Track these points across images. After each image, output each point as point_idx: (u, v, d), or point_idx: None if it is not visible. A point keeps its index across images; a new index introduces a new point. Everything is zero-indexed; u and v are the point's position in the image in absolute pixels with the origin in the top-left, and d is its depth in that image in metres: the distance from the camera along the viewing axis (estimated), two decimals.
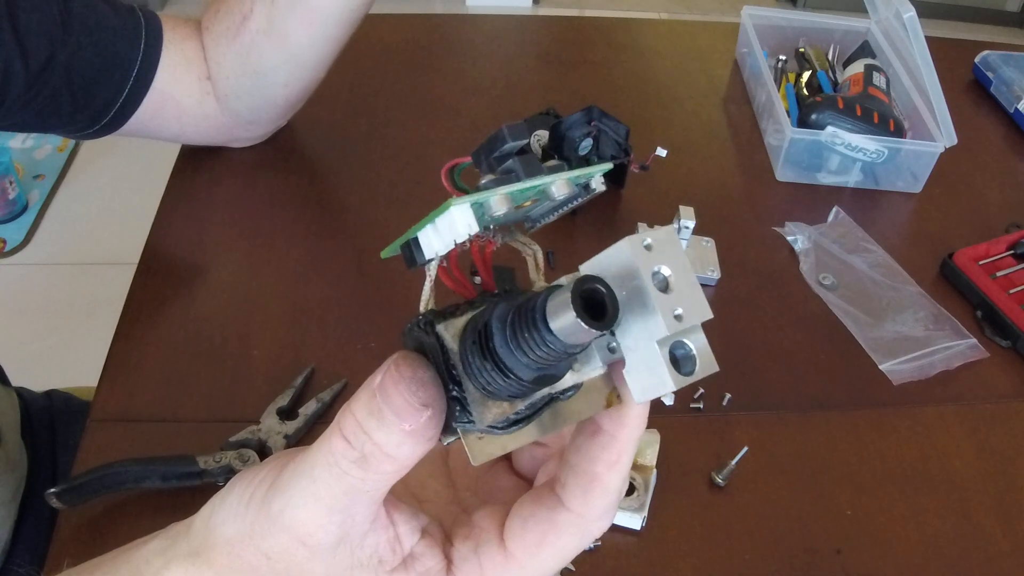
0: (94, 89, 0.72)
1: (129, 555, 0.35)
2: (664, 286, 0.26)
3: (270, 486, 0.31)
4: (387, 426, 0.28)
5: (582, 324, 0.24)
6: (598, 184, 0.31)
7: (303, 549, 0.30)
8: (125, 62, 0.73)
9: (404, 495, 0.35)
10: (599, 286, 0.26)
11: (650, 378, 0.27)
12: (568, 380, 0.29)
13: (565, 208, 0.32)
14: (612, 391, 0.31)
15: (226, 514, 0.32)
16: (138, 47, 0.73)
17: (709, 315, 0.27)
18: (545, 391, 0.29)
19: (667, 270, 0.26)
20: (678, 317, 0.26)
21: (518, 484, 0.36)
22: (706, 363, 0.28)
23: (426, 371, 0.28)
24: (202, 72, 0.78)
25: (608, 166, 0.32)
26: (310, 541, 0.30)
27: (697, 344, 0.28)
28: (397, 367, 0.28)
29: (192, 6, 2.83)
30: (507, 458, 0.37)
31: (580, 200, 0.31)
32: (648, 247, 0.26)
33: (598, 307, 0.26)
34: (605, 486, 0.31)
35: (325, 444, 0.29)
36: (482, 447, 0.29)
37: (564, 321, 0.25)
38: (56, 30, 0.68)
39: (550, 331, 0.25)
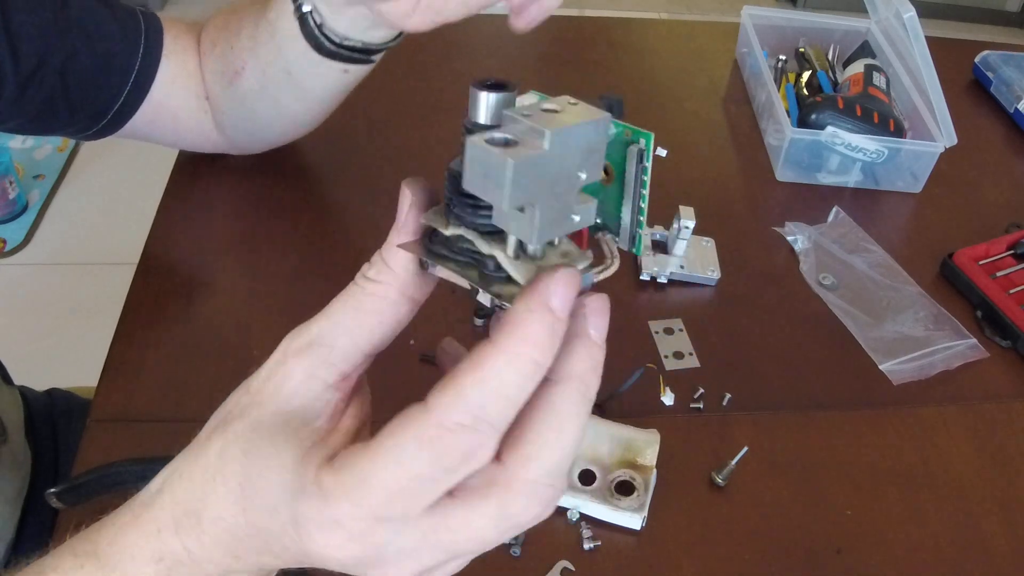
0: (90, 93, 0.71)
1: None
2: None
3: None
4: (390, 236, 0.33)
5: (483, 94, 0.31)
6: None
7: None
8: (123, 66, 0.71)
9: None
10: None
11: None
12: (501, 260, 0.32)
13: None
14: None
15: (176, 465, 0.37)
16: (137, 52, 0.72)
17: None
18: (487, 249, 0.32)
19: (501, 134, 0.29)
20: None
21: None
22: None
23: (420, 184, 0.33)
24: (200, 90, 0.76)
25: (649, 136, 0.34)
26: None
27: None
28: (405, 182, 0.33)
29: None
30: None
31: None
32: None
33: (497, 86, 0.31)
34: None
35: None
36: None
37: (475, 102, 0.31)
38: (51, 32, 0.67)
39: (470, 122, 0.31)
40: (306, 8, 0.65)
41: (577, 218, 0.31)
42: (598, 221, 0.37)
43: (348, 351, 0.34)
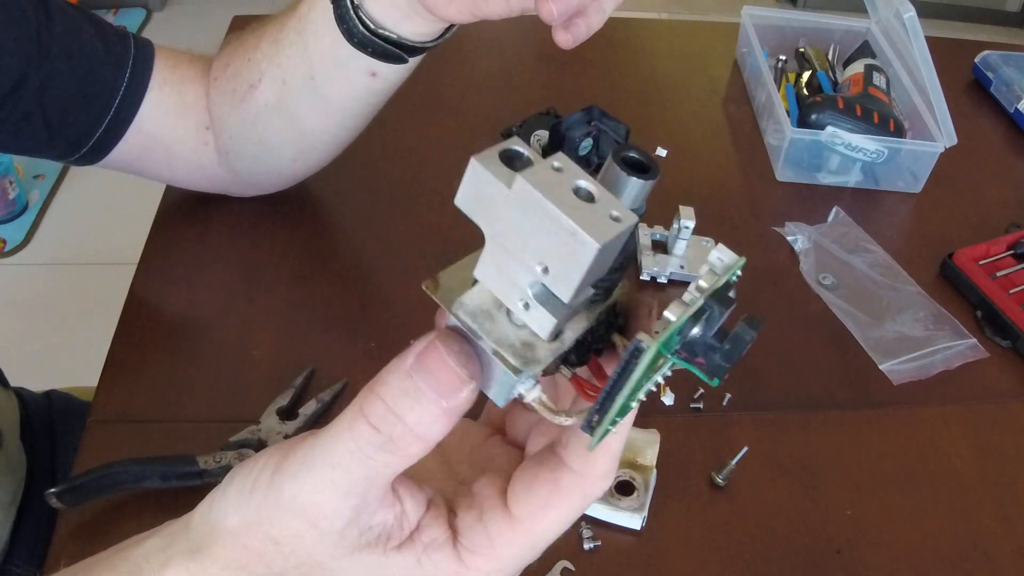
0: (71, 116, 0.67)
1: (126, 553, 0.35)
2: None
3: (274, 472, 0.31)
4: (423, 405, 0.28)
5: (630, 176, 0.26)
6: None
7: (313, 532, 0.30)
8: (106, 91, 0.67)
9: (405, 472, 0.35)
10: (634, 153, 0.27)
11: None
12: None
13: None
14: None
15: (228, 506, 0.32)
16: (122, 76, 0.68)
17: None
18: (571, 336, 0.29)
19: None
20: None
21: (511, 452, 0.36)
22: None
23: (467, 345, 0.29)
24: (201, 120, 0.72)
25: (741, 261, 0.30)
26: (323, 524, 0.30)
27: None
28: (444, 341, 0.28)
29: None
30: (500, 428, 0.37)
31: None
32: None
33: (638, 166, 0.27)
34: (607, 445, 0.31)
35: (346, 431, 0.29)
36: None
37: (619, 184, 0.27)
38: (32, 50, 0.63)
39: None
40: None
41: (528, 312, 0.27)
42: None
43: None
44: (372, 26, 0.62)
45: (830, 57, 1.04)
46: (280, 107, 0.68)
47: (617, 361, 0.28)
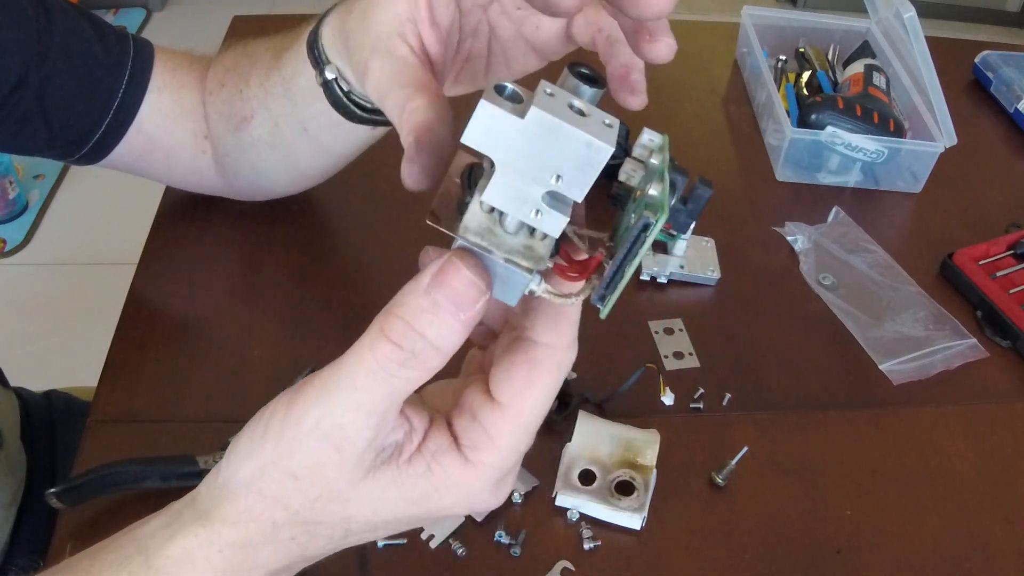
0: (70, 117, 0.67)
1: (132, 535, 0.37)
2: None
3: (288, 408, 0.33)
4: (442, 319, 0.31)
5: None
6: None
7: (335, 456, 0.32)
8: (105, 92, 0.67)
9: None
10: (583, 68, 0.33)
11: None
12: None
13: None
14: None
15: (238, 461, 0.34)
16: (121, 79, 0.67)
17: None
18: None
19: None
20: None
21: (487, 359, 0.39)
22: None
23: (480, 262, 0.32)
24: (199, 128, 0.71)
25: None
26: (345, 447, 0.32)
27: None
28: (460, 257, 0.31)
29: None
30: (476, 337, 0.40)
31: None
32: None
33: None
34: (568, 315, 0.34)
35: (367, 352, 0.32)
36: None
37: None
38: (32, 51, 0.63)
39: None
40: (329, 75, 0.57)
41: (539, 217, 0.31)
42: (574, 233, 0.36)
43: None
44: (370, 107, 0.60)
45: (830, 57, 1.04)
46: (274, 144, 0.67)
47: (574, 248, 0.34)
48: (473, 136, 0.30)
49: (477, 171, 0.34)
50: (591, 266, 0.33)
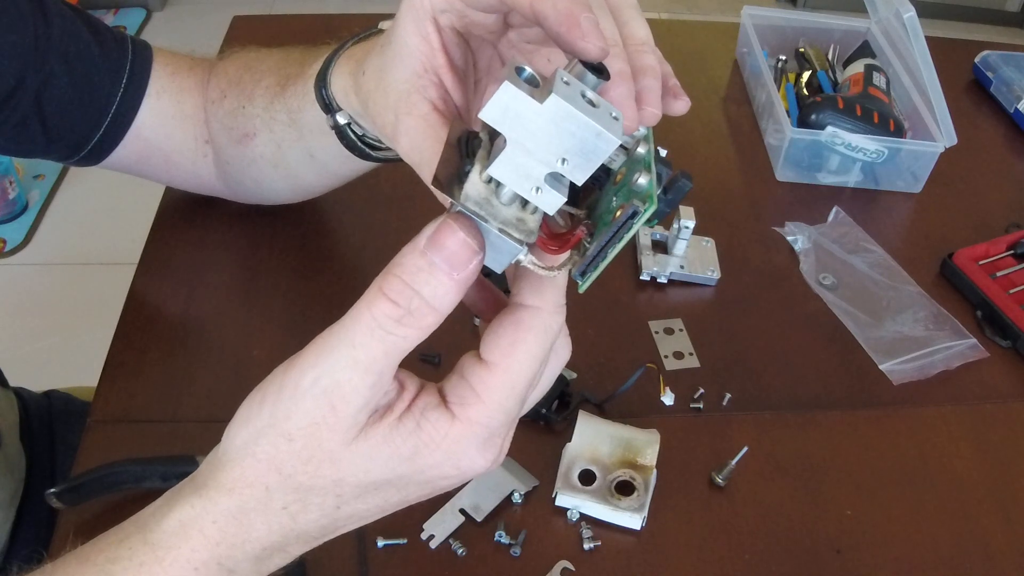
0: (68, 120, 0.66)
1: (134, 517, 0.38)
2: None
3: (286, 372, 0.34)
4: (437, 278, 0.32)
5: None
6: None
7: (331, 416, 0.33)
8: (103, 95, 0.66)
9: None
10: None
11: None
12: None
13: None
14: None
15: (235, 428, 0.36)
16: (119, 82, 0.67)
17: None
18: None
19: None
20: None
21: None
22: None
23: (475, 226, 0.33)
24: (200, 133, 0.70)
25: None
26: (341, 406, 0.33)
27: None
28: (455, 220, 0.32)
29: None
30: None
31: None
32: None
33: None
34: (556, 282, 0.35)
35: (365, 311, 0.33)
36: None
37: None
38: (29, 54, 0.62)
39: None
40: (342, 120, 0.58)
41: (538, 194, 0.33)
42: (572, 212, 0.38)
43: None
44: (383, 146, 0.60)
45: (830, 57, 1.04)
46: (277, 164, 0.68)
47: (554, 223, 0.36)
48: (492, 114, 0.31)
49: (474, 141, 0.35)
50: (571, 241, 0.35)
